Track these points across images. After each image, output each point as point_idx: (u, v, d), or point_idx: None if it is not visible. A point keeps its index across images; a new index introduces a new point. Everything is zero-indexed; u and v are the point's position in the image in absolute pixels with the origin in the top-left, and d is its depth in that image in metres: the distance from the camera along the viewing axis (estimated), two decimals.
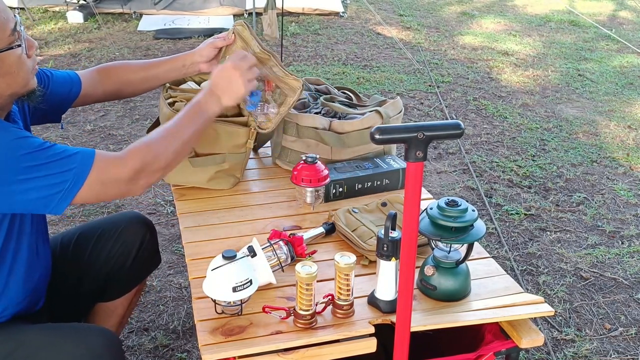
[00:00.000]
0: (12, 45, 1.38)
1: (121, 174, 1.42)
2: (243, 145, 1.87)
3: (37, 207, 1.37)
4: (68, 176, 1.36)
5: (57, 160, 1.36)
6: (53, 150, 1.36)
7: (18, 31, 1.40)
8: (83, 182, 1.38)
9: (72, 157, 1.38)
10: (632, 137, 4.40)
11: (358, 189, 1.91)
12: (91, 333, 1.47)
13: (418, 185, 1.15)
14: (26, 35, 1.44)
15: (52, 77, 1.69)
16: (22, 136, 1.35)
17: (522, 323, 1.42)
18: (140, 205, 3.32)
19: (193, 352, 2.35)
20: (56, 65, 5.40)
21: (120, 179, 1.42)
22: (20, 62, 1.41)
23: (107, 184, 1.41)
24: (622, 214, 3.40)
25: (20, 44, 1.40)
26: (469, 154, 4.02)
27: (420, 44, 6.40)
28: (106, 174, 1.40)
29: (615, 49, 6.55)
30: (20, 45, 1.40)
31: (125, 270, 1.82)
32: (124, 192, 1.45)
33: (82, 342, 1.43)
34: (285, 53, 5.84)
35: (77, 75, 1.76)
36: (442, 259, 1.48)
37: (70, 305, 1.79)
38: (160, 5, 6.94)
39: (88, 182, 1.38)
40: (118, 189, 1.43)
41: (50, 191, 1.35)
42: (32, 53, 1.46)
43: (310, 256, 1.62)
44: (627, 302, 2.71)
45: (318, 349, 1.33)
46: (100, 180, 1.40)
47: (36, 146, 1.35)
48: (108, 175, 1.41)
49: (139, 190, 1.47)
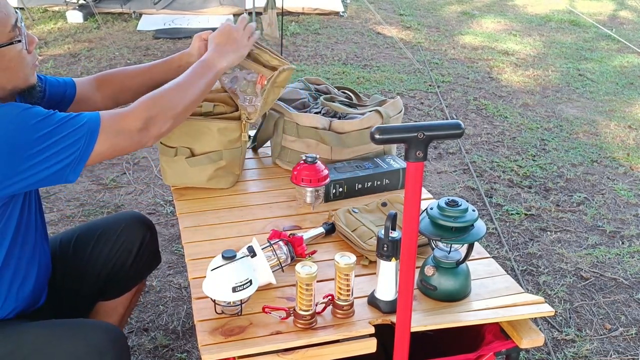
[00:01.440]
0: (13, 41, 1.40)
1: (131, 123, 1.45)
2: (237, 139, 1.87)
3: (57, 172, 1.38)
4: (81, 132, 1.39)
5: (66, 121, 1.38)
6: (60, 115, 1.39)
7: (19, 27, 1.41)
8: (97, 136, 1.40)
9: (79, 117, 1.41)
10: (632, 137, 4.40)
11: (358, 189, 1.90)
12: (95, 329, 1.48)
13: (418, 185, 1.15)
14: (26, 31, 1.46)
15: (45, 79, 1.70)
16: (27, 107, 1.37)
17: (523, 323, 1.42)
18: (140, 206, 3.31)
19: (193, 352, 2.34)
20: (56, 65, 5.40)
21: (132, 128, 1.45)
22: (21, 58, 1.43)
23: (119, 134, 1.43)
24: (622, 214, 3.40)
25: (21, 39, 1.41)
26: (469, 153, 4.02)
27: (421, 44, 6.39)
28: (116, 124, 1.43)
29: (615, 48, 6.55)
30: (21, 40, 1.41)
31: (125, 270, 1.82)
32: (137, 142, 1.47)
33: (86, 339, 1.43)
34: (285, 53, 5.84)
35: (71, 80, 1.78)
36: (443, 259, 1.48)
37: (71, 304, 1.79)
38: (160, 5, 6.94)
39: (101, 137, 1.41)
40: (130, 139, 1.46)
41: (68, 152, 1.37)
42: (33, 49, 1.47)
43: (310, 256, 1.62)
44: (628, 302, 2.71)
45: (318, 349, 1.33)
46: (111, 130, 1.42)
47: (44, 114, 1.37)
48: (118, 126, 1.43)
49: (151, 140, 1.50)
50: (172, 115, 1.52)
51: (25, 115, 1.35)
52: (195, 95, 1.58)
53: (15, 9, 1.45)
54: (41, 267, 1.60)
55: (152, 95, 1.52)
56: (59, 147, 1.36)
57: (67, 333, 1.46)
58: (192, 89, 1.57)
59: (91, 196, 3.38)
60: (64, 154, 1.37)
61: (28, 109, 1.37)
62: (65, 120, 1.38)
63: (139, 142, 1.48)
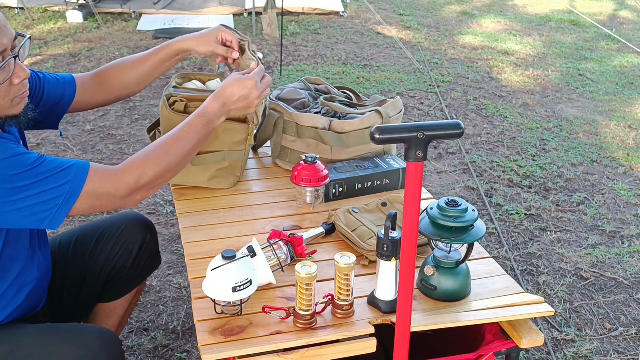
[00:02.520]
0: None
1: (116, 189, 1.40)
2: (242, 142, 1.87)
3: (32, 223, 1.35)
4: (62, 191, 1.34)
5: (50, 176, 1.33)
6: (46, 167, 1.33)
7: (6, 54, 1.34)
8: (77, 196, 1.35)
9: (66, 171, 1.35)
10: (632, 137, 4.40)
11: (358, 189, 1.90)
12: (89, 333, 1.47)
13: (418, 185, 1.15)
14: (18, 62, 1.37)
15: (44, 78, 1.66)
16: (14, 154, 1.31)
17: (523, 323, 1.42)
18: (140, 206, 3.31)
19: (193, 352, 2.34)
20: (56, 65, 5.40)
21: (116, 194, 1.40)
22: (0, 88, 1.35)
23: (101, 198, 1.39)
24: (622, 214, 3.40)
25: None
26: (469, 153, 4.02)
27: (421, 44, 6.39)
28: (101, 188, 1.38)
29: (615, 48, 6.55)
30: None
31: (125, 271, 1.82)
32: (119, 206, 1.44)
33: (80, 343, 1.43)
34: (285, 53, 5.84)
35: (71, 77, 1.73)
36: (443, 259, 1.48)
37: (71, 306, 1.79)
38: (160, 4, 6.94)
39: (82, 196, 1.36)
40: (113, 203, 1.41)
41: (44, 207, 1.33)
42: (19, 82, 1.38)
43: (310, 256, 1.62)
44: (628, 302, 2.71)
45: (318, 349, 1.33)
46: (94, 194, 1.38)
47: (29, 164, 1.31)
48: (103, 190, 1.38)
49: (134, 204, 1.46)
50: (160, 182, 1.47)
51: (8, 163, 1.29)
52: (188, 155, 1.51)
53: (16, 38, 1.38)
54: (40, 273, 1.59)
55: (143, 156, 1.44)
56: (35, 201, 1.32)
57: (61, 337, 1.46)
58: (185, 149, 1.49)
59: None
60: (39, 209, 1.33)
61: (13, 156, 1.30)
62: (50, 175, 1.33)
63: (121, 206, 1.44)
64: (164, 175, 1.47)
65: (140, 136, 4.08)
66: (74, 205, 1.36)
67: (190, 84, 1.98)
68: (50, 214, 1.34)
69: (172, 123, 1.70)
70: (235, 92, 1.58)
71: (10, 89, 1.38)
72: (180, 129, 1.52)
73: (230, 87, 1.58)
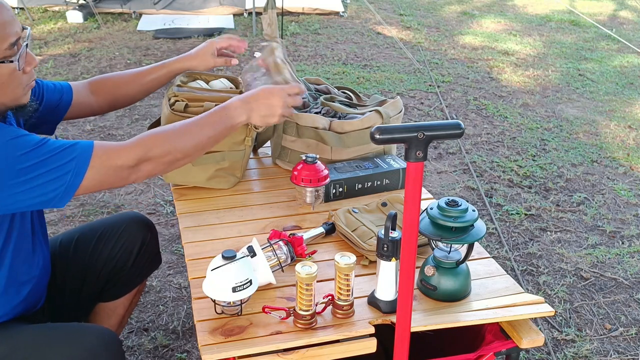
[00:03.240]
0: (4, 60, 1.36)
1: (124, 160, 1.41)
2: (241, 142, 1.87)
3: (41, 202, 1.36)
4: (69, 167, 1.36)
5: (56, 153, 1.35)
6: (50, 146, 1.36)
7: (19, 44, 1.38)
8: (85, 171, 1.37)
9: (71, 148, 1.37)
10: (632, 137, 4.40)
11: (358, 189, 1.90)
12: (89, 333, 1.47)
13: (418, 185, 1.15)
14: (28, 51, 1.42)
15: (42, 83, 1.68)
16: (17, 135, 1.33)
17: (523, 323, 1.42)
18: (140, 205, 3.31)
19: (193, 352, 2.34)
20: (56, 65, 5.40)
21: (123, 165, 1.41)
22: (12, 77, 1.39)
23: (109, 171, 1.40)
24: (622, 214, 3.40)
25: (13, 60, 1.37)
26: (469, 153, 4.02)
27: (421, 44, 6.39)
28: (107, 160, 1.40)
29: (615, 48, 6.55)
30: (13, 61, 1.37)
31: (126, 271, 1.82)
32: (125, 179, 1.44)
33: (80, 342, 1.43)
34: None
35: (68, 85, 1.75)
36: (443, 259, 1.48)
37: (71, 305, 1.79)
38: (160, 5, 6.94)
39: (90, 171, 1.38)
40: (119, 176, 1.42)
41: (53, 185, 1.35)
42: (30, 70, 1.43)
43: (310, 256, 1.62)
44: (628, 302, 2.71)
45: (318, 349, 1.33)
46: (102, 168, 1.39)
47: (33, 144, 1.34)
48: (110, 162, 1.40)
49: (140, 179, 1.47)
50: (168, 161, 1.47)
51: (13, 144, 1.31)
52: (200, 145, 1.51)
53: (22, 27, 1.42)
54: (40, 270, 1.59)
55: (154, 134, 1.47)
56: (43, 180, 1.33)
57: (61, 337, 1.46)
58: (198, 137, 1.50)
59: (91, 196, 3.37)
60: (48, 188, 1.34)
61: (17, 137, 1.33)
62: (55, 152, 1.35)
63: (128, 180, 1.44)
64: (172, 154, 1.47)
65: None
66: (82, 182, 1.37)
67: (195, 83, 1.97)
68: (59, 192, 1.35)
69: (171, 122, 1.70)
70: (260, 95, 1.61)
71: (24, 76, 1.42)
72: (201, 116, 1.54)
73: (256, 89, 1.62)
